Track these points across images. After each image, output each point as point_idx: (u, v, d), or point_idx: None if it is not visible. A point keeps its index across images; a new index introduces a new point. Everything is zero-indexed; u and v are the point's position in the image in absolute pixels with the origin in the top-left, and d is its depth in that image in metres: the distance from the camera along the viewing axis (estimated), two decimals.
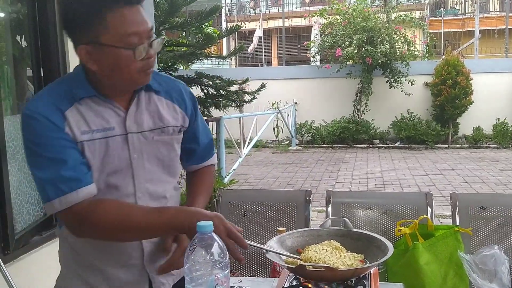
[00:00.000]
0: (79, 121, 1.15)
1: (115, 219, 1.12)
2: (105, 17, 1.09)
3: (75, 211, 1.10)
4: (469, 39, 14.32)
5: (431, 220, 2.25)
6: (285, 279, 1.35)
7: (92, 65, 1.14)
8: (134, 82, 1.18)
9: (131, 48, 1.11)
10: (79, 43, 1.14)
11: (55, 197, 1.09)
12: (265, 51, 16.00)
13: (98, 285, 1.26)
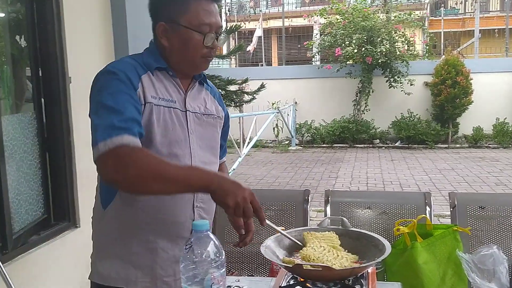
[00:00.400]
0: (150, 87, 1.30)
1: (152, 164, 1.16)
2: (189, 3, 1.29)
3: (116, 153, 1.14)
4: (469, 39, 14.31)
5: (430, 219, 2.25)
6: (282, 278, 1.35)
7: (165, 41, 1.33)
8: (195, 65, 1.36)
9: (203, 34, 1.30)
10: (159, 20, 1.33)
11: (101, 140, 1.15)
12: (265, 51, 16.00)
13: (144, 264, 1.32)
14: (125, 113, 1.19)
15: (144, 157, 1.17)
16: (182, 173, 1.18)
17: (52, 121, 2.55)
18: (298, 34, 16.38)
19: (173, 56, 1.34)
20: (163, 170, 1.15)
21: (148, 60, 1.34)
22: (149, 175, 1.14)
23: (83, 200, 2.65)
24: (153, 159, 1.17)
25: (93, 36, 2.88)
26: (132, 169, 1.13)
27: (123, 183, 1.16)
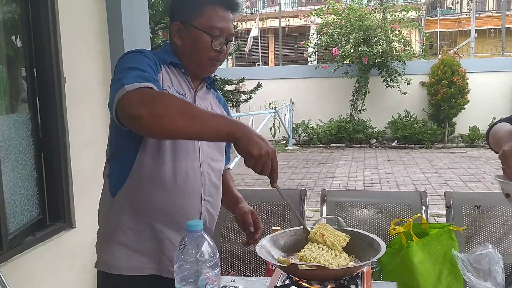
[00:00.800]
0: (167, 77, 1.37)
1: (180, 101, 1.20)
2: (204, 7, 1.37)
3: (143, 90, 1.15)
4: (465, 39, 14.36)
5: (425, 218, 2.25)
6: (277, 278, 1.35)
7: (178, 40, 1.40)
8: (203, 66, 1.42)
9: (212, 36, 1.37)
10: (175, 20, 1.41)
11: (128, 83, 1.16)
12: (261, 50, 16.00)
13: (150, 253, 1.36)
14: (150, 74, 1.23)
15: (171, 96, 1.21)
16: (209, 114, 1.21)
17: (47, 121, 2.54)
18: (294, 34, 16.40)
19: (184, 55, 1.41)
20: (191, 107, 1.19)
21: (163, 55, 1.40)
22: (176, 110, 1.13)
23: (78, 201, 2.64)
24: (180, 99, 1.22)
25: (88, 36, 2.87)
26: (159, 103, 1.13)
27: (147, 118, 1.11)
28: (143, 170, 1.33)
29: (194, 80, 1.46)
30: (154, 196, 1.33)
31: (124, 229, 1.36)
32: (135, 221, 1.35)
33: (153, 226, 1.35)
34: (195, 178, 1.38)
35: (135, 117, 1.12)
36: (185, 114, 1.13)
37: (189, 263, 0.95)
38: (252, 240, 1.50)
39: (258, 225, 1.53)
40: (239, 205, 1.58)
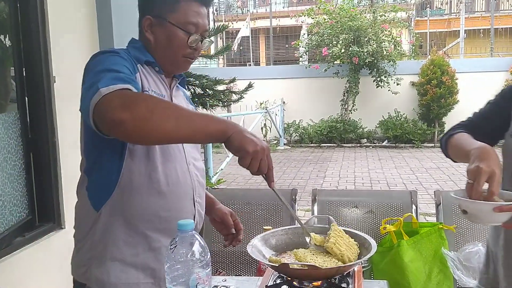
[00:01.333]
0: (144, 78, 1.29)
1: (164, 102, 1.13)
2: (179, 2, 1.30)
3: (122, 93, 1.06)
4: (455, 39, 14.48)
5: (415, 217, 2.27)
6: (269, 278, 1.34)
7: (150, 35, 1.33)
8: (177, 64, 1.36)
9: (188, 33, 1.30)
10: (146, 13, 1.33)
11: (104, 86, 1.06)
12: (252, 50, 16.00)
13: (146, 265, 1.28)
14: (127, 74, 1.15)
15: (154, 97, 1.13)
16: (197, 114, 1.12)
17: (36, 121, 2.51)
18: (285, 34, 16.41)
19: (157, 51, 1.34)
20: (177, 108, 1.11)
21: (135, 54, 1.31)
22: (162, 111, 1.05)
23: (68, 201, 2.62)
24: (164, 100, 1.15)
25: (78, 35, 2.85)
26: (142, 105, 1.04)
27: (130, 122, 1.02)
28: (133, 178, 1.24)
29: (167, 77, 1.39)
30: (149, 204, 1.26)
31: (117, 243, 1.26)
32: (128, 233, 1.26)
33: (148, 236, 1.27)
34: (185, 181, 1.33)
35: (117, 122, 1.02)
36: (172, 116, 1.06)
37: (180, 263, 0.94)
38: (236, 241, 1.48)
39: (239, 226, 1.51)
40: (216, 207, 1.53)
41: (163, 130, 1.05)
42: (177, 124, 1.05)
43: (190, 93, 5.14)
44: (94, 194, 1.28)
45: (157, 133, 1.06)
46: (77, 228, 1.35)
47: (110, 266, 1.26)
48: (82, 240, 1.32)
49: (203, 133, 1.08)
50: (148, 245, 1.28)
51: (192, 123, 1.07)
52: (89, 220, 1.29)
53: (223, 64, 15.47)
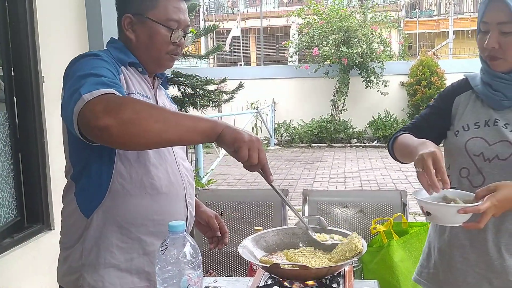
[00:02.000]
0: (128, 80, 1.26)
1: (150, 105, 1.10)
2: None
3: (105, 98, 1.02)
4: (444, 40, 14.61)
5: (405, 217, 2.28)
6: (260, 279, 1.34)
7: (131, 34, 1.30)
8: (160, 61, 1.33)
9: (170, 29, 1.28)
10: (125, 12, 1.30)
11: (86, 92, 1.03)
12: (243, 50, 16.00)
13: (141, 269, 1.26)
14: (110, 77, 1.11)
15: (139, 100, 1.09)
16: (184, 115, 1.09)
17: (24, 121, 2.49)
18: (276, 34, 16.42)
19: (139, 50, 1.31)
20: (164, 110, 1.08)
21: (118, 55, 1.28)
22: (148, 114, 1.02)
23: (57, 202, 2.59)
24: (149, 103, 1.12)
25: (67, 34, 2.83)
26: (127, 108, 1.01)
27: (116, 127, 0.99)
28: (125, 182, 1.21)
29: (150, 77, 1.37)
30: (142, 208, 1.23)
31: (110, 249, 1.23)
32: (121, 238, 1.24)
33: (142, 240, 1.25)
34: (177, 182, 1.31)
35: (102, 128, 0.99)
36: (159, 118, 1.03)
37: (171, 265, 0.94)
38: (221, 244, 1.48)
39: (224, 229, 1.50)
40: (200, 209, 1.52)
41: (151, 133, 1.02)
42: (165, 126, 1.02)
43: (180, 93, 5.13)
44: (83, 201, 1.25)
45: (145, 136, 1.02)
46: (65, 235, 1.31)
47: (104, 273, 1.24)
48: (71, 247, 1.28)
49: (193, 132, 1.05)
50: (142, 250, 1.26)
51: (180, 124, 1.04)
52: (79, 227, 1.25)
53: (213, 64, 15.45)
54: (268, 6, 17.01)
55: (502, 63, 1.28)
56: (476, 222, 1.14)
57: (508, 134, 1.27)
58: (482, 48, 1.31)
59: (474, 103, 1.38)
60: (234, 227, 2.40)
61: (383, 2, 15.13)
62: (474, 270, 1.32)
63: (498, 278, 1.29)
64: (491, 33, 1.26)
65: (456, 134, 1.37)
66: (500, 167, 1.26)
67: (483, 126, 1.33)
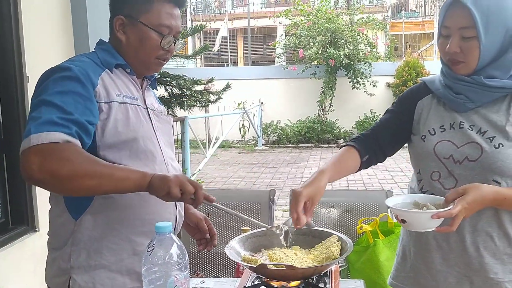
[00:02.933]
0: (112, 84, 1.26)
1: (86, 161, 1.10)
2: (152, 2, 1.28)
3: (45, 149, 1.06)
4: (429, 41, 14.79)
5: (391, 217, 2.30)
6: (247, 279, 1.35)
7: (121, 35, 1.31)
8: (148, 65, 1.34)
9: (161, 35, 1.29)
10: (118, 13, 1.30)
11: (35, 132, 1.07)
12: (230, 51, 15.99)
13: (132, 270, 1.27)
14: (70, 112, 1.12)
15: (78, 155, 1.09)
16: (117, 168, 1.13)
17: (9, 122, 2.46)
18: (263, 35, 16.46)
19: (128, 52, 1.32)
20: (98, 165, 1.11)
21: (105, 57, 1.30)
22: (83, 171, 1.07)
23: (42, 203, 2.57)
24: (87, 157, 1.11)
25: (52, 34, 2.80)
26: (64, 167, 1.06)
27: (51, 182, 1.07)
28: None
29: (138, 79, 1.38)
30: (131, 208, 1.25)
31: (100, 251, 1.24)
32: (112, 239, 1.24)
33: (133, 241, 1.26)
34: None
35: (35, 181, 1.07)
36: (95, 174, 1.08)
37: (157, 266, 0.94)
38: (210, 246, 1.49)
39: (213, 231, 1.51)
40: (190, 211, 1.52)
41: (86, 189, 1.10)
42: (100, 181, 1.09)
43: (167, 93, 5.11)
44: (72, 202, 1.25)
45: (80, 192, 1.12)
46: (54, 237, 1.31)
47: (95, 274, 1.24)
48: (60, 249, 1.27)
49: (126, 183, 1.11)
50: (132, 250, 1.27)
51: (114, 178, 1.10)
52: (68, 229, 1.25)
53: (200, 64, 15.41)
54: (255, 6, 17.03)
55: (464, 67, 1.30)
56: (449, 226, 1.16)
57: (474, 136, 1.29)
58: (443, 52, 1.32)
59: (437, 107, 1.40)
60: (221, 228, 2.40)
61: (369, 4, 15.25)
62: (454, 270, 1.34)
63: (478, 276, 1.31)
64: (453, 38, 1.27)
65: (423, 138, 1.38)
66: (470, 168, 1.28)
67: (448, 129, 1.34)
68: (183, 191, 1.10)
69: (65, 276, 1.25)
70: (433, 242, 1.36)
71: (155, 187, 1.09)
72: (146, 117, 1.33)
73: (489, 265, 1.29)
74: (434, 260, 1.36)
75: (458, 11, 1.26)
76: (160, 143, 1.35)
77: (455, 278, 1.34)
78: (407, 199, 1.29)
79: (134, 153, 1.25)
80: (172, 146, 1.45)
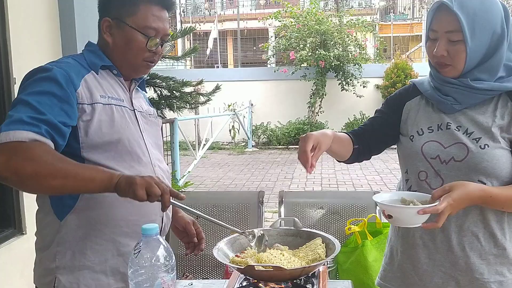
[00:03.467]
0: (97, 86, 1.27)
1: (51, 160, 1.09)
2: (139, 5, 1.29)
3: (12, 148, 1.07)
4: (417, 43, 14.92)
5: (379, 217, 2.32)
6: (235, 280, 1.35)
7: (108, 37, 1.32)
8: (136, 68, 1.35)
9: (147, 37, 1.29)
10: (105, 15, 1.32)
11: (4, 130, 1.08)
12: (220, 52, 15.98)
13: (116, 270, 1.27)
14: (43, 113, 1.12)
15: (44, 153, 1.09)
16: (83, 168, 1.13)
17: None
18: (253, 37, 16.48)
19: (115, 54, 1.33)
20: (63, 164, 1.10)
21: (91, 59, 1.31)
22: (47, 170, 1.07)
23: (28, 206, 2.55)
24: (53, 156, 1.10)
25: (40, 35, 2.78)
26: (28, 166, 1.06)
27: (14, 179, 1.08)
28: None
29: (126, 80, 1.38)
30: (116, 209, 1.24)
31: (84, 251, 1.24)
32: (95, 240, 1.25)
33: (117, 242, 1.26)
34: None
35: (2, 179, 1.08)
36: (59, 174, 1.08)
37: (144, 268, 0.93)
38: (197, 250, 1.49)
39: (201, 235, 1.51)
40: (178, 214, 1.52)
41: (49, 188, 1.10)
42: (64, 181, 1.08)
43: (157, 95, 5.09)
44: (57, 203, 1.25)
45: (44, 191, 1.14)
46: (40, 237, 1.31)
47: (79, 275, 1.24)
48: (46, 249, 1.28)
49: (92, 184, 1.10)
50: (116, 251, 1.27)
51: (79, 177, 1.09)
52: (53, 229, 1.26)
53: (190, 66, 15.38)
54: (245, 8, 17.05)
55: (451, 70, 1.32)
56: (435, 222, 1.18)
57: (461, 137, 1.31)
58: (431, 55, 1.34)
59: (425, 108, 1.42)
60: (210, 230, 2.40)
61: (358, 6, 15.35)
62: (440, 270, 1.35)
63: (464, 276, 1.32)
64: (440, 41, 1.29)
65: (411, 139, 1.40)
66: (456, 168, 1.29)
67: (436, 130, 1.36)
68: (149, 193, 1.08)
69: (51, 276, 1.26)
70: (420, 241, 1.37)
71: (121, 188, 1.09)
72: (132, 119, 1.33)
73: (475, 265, 1.31)
74: (421, 260, 1.38)
75: (444, 15, 1.27)
76: (147, 144, 1.35)
77: (441, 278, 1.35)
78: (394, 196, 1.31)
79: (119, 154, 1.25)
80: (160, 147, 1.45)
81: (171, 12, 1.41)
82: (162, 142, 1.48)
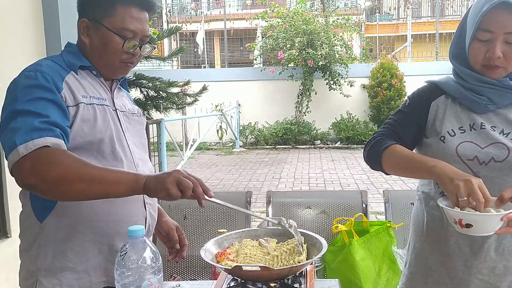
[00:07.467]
0: (78, 86, 1.26)
1: (76, 164, 1.09)
2: (116, 6, 1.28)
3: (36, 155, 1.07)
4: (402, 43, 15.05)
5: (366, 216, 2.34)
6: (223, 281, 1.35)
7: (85, 38, 1.32)
8: (114, 69, 1.34)
9: (124, 38, 1.28)
10: (82, 16, 1.31)
11: (22, 142, 1.07)
12: (207, 52, 15.94)
13: (98, 267, 1.26)
14: (47, 116, 1.12)
15: (67, 157, 1.09)
16: (108, 171, 1.12)
17: None
18: (240, 37, 16.45)
19: (93, 55, 1.32)
20: (88, 168, 1.09)
21: (70, 59, 1.30)
22: (73, 173, 1.07)
23: (13, 209, 2.52)
24: (76, 160, 1.10)
25: (23, 38, 2.74)
26: (53, 168, 1.06)
27: (42, 187, 1.07)
28: None
29: (107, 80, 1.38)
30: (96, 210, 1.23)
31: (65, 253, 1.23)
32: (77, 242, 1.24)
33: (98, 242, 1.26)
34: None
35: (28, 187, 1.09)
36: (85, 177, 1.07)
37: (130, 270, 0.93)
38: (179, 257, 1.48)
39: (184, 242, 1.50)
40: (163, 219, 1.51)
41: (76, 192, 1.08)
42: (90, 185, 1.07)
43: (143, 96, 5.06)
44: (37, 204, 1.24)
45: (71, 195, 1.10)
46: (22, 238, 1.30)
47: (61, 276, 1.23)
48: (28, 251, 1.27)
49: (118, 186, 1.09)
50: (98, 249, 1.27)
51: (105, 180, 1.08)
52: (33, 231, 1.25)
53: (177, 66, 15.30)
54: (231, 8, 17.02)
55: (501, 72, 1.28)
56: (509, 227, 1.12)
57: (498, 136, 1.28)
58: (479, 57, 1.27)
59: (452, 108, 1.36)
60: (198, 230, 2.40)
61: (344, 6, 15.43)
62: (477, 277, 1.30)
63: (503, 281, 1.28)
64: (497, 43, 1.23)
65: (442, 140, 1.33)
66: (498, 169, 1.25)
67: (469, 130, 1.31)
68: (182, 189, 1.06)
69: (33, 278, 1.25)
70: (456, 247, 1.31)
71: (151, 189, 1.07)
72: (114, 118, 1.32)
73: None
74: (456, 268, 1.32)
75: (504, 15, 1.22)
76: (129, 144, 1.34)
77: (477, 286, 1.30)
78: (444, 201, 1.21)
79: (101, 154, 1.24)
80: (145, 146, 1.44)
81: (153, 13, 1.40)
82: (146, 141, 1.47)
